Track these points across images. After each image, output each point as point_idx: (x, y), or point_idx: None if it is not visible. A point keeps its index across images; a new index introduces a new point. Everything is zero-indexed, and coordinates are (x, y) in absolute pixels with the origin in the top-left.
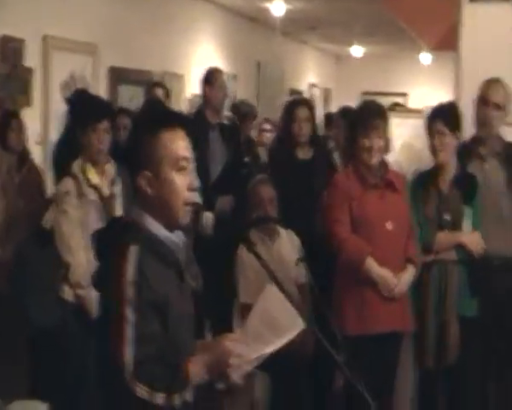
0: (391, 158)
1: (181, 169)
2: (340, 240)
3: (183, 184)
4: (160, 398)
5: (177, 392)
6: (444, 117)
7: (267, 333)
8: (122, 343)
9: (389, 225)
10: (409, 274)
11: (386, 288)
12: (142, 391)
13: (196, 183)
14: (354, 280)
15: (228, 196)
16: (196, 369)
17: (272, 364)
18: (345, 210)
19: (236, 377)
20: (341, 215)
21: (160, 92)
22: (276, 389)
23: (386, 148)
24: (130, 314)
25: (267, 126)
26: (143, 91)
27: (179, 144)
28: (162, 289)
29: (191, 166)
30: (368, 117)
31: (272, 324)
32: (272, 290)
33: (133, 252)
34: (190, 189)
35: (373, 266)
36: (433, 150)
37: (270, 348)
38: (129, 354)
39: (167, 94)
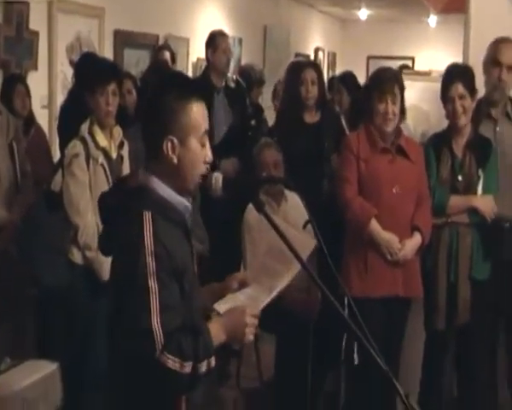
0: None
1: (203, 142)
2: (347, 200)
3: (203, 156)
4: (188, 367)
5: (203, 359)
6: (463, 80)
7: (275, 265)
8: (149, 316)
9: (396, 190)
10: (414, 242)
11: (390, 251)
12: (173, 363)
13: (211, 156)
14: (359, 242)
15: (231, 159)
16: (216, 333)
17: (278, 325)
18: (353, 170)
19: (251, 335)
20: (350, 175)
21: (166, 55)
22: (283, 350)
23: (402, 115)
24: (154, 285)
25: None
26: (149, 55)
27: (205, 117)
28: (179, 255)
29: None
30: (384, 82)
31: (278, 254)
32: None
33: (148, 219)
34: (206, 162)
35: (377, 228)
36: (454, 115)
37: (283, 281)
38: (157, 326)
39: (173, 57)
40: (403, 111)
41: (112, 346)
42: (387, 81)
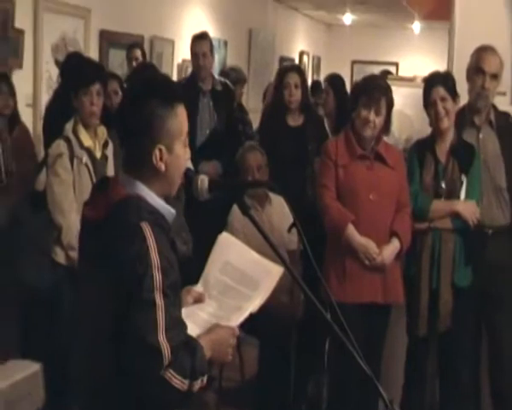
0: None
1: (185, 145)
2: (324, 205)
3: (187, 160)
4: (186, 385)
5: (199, 377)
6: (444, 83)
7: (237, 286)
8: (156, 332)
9: (373, 196)
10: (392, 247)
11: (367, 256)
12: (176, 381)
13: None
14: (337, 248)
15: (212, 162)
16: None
17: (261, 328)
18: (331, 176)
19: (230, 356)
20: (328, 181)
21: (138, 53)
22: (265, 353)
23: (386, 127)
24: (160, 301)
25: None
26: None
27: (186, 120)
28: (175, 266)
29: None
30: (371, 89)
31: (238, 275)
32: (228, 239)
33: (149, 232)
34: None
35: (354, 233)
36: (436, 117)
37: (254, 303)
38: (165, 342)
39: (144, 55)
40: (387, 127)
41: (98, 353)
42: (375, 91)
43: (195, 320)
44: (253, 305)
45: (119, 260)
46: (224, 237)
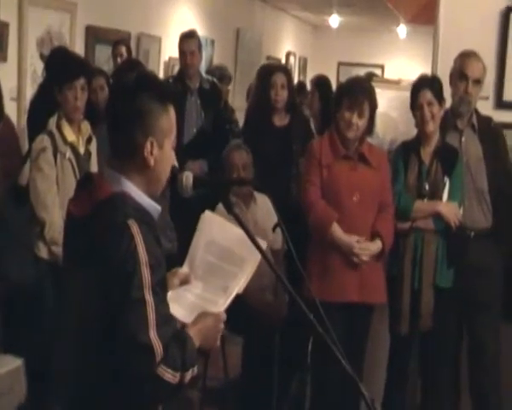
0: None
1: (173, 145)
2: (310, 202)
3: (173, 160)
4: (178, 377)
5: (189, 369)
6: (432, 87)
7: (222, 264)
8: (147, 330)
9: (356, 197)
10: (374, 247)
11: (352, 254)
12: (168, 375)
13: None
14: (320, 246)
15: (199, 161)
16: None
17: (245, 327)
18: (316, 174)
19: (219, 341)
20: (314, 178)
21: (122, 50)
22: (249, 352)
23: (369, 129)
24: (150, 299)
25: None
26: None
27: (175, 121)
28: (163, 262)
29: None
30: (355, 92)
31: (223, 253)
32: (211, 217)
33: (137, 230)
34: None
35: (338, 231)
36: (422, 120)
37: (240, 282)
38: (156, 339)
39: (130, 52)
40: (370, 128)
41: (84, 351)
42: (358, 94)
43: (183, 303)
44: (239, 285)
45: (106, 259)
46: (207, 216)
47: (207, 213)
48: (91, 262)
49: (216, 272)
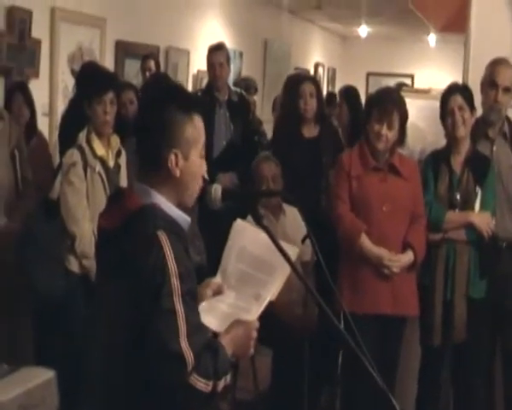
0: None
1: (202, 156)
2: (338, 216)
3: (202, 170)
4: (211, 386)
5: (222, 377)
6: (462, 93)
7: (254, 272)
8: (178, 339)
9: (386, 208)
10: (406, 258)
11: (383, 265)
12: (200, 384)
13: (206, 169)
14: (350, 259)
15: (229, 173)
16: (225, 348)
17: (275, 339)
18: (345, 188)
19: (252, 349)
20: (342, 192)
21: (151, 64)
22: (279, 364)
23: (400, 140)
24: (180, 308)
25: None
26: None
27: (203, 131)
28: (193, 273)
29: None
30: (384, 103)
31: (255, 261)
32: (242, 225)
33: (166, 240)
34: (203, 176)
35: (367, 243)
36: (453, 126)
37: (271, 289)
38: (187, 348)
39: (158, 66)
40: (401, 139)
41: (115, 363)
42: (388, 105)
43: (216, 314)
44: (271, 292)
45: (136, 270)
46: (239, 224)
47: (239, 222)
48: (123, 274)
49: (248, 281)
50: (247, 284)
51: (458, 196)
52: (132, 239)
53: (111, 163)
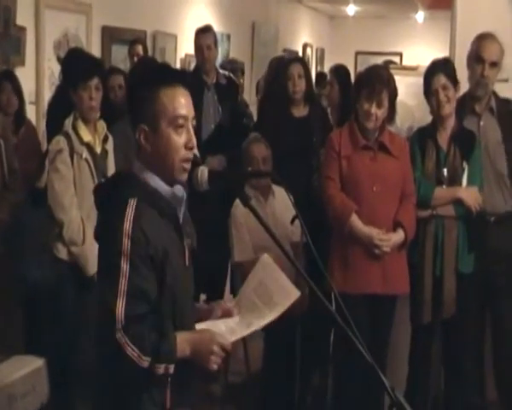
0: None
1: (178, 127)
2: (328, 196)
3: (180, 142)
4: (146, 362)
5: (163, 362)
6: (445, 71)
7: (261, 305)
8: (115, 295)
9: (376, 188)
10: (397, 237)
11: (373, 245)
12: (132, 351)
13: (194, 141)
14: (341, 239)
15: (218, 156)
16: (181, 343)
17: None
18: (335, 168)
19: (215, 365)
20: (331, 172)
21: (139, 49)
22: (271, 345)
23: (390, 117)
24: (125, 266)
25: None
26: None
27: (178, 102)
28: (161, 244)
29: (190, 124)
30: (372, 81)
31: (265, 295)
32: (267, 261)
33: (132, 205)
34: (188, 147)
35: (357, 223)
36: (438, 105)
37: (263, 322)
38: (121, 306)
39: (146, 51)
40: (391, 116)
41: (99, 338)
42: (376, 83)
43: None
44: (261, 325)
45: (102, 231)
46: (266, 258)
47: (266, 257)
48: (100, 238)
49: (253, 311)
50: (250, 311)
51: (445, 172)
52: (111, 204)
53: (98, 149)
